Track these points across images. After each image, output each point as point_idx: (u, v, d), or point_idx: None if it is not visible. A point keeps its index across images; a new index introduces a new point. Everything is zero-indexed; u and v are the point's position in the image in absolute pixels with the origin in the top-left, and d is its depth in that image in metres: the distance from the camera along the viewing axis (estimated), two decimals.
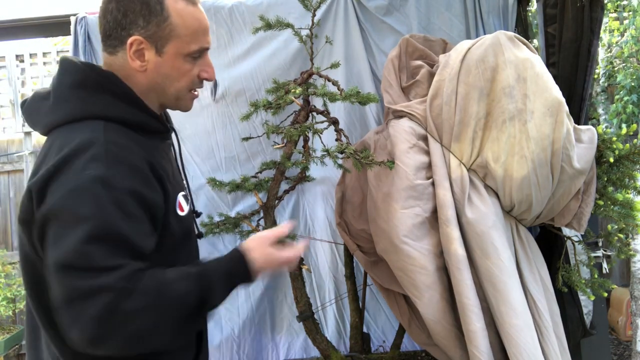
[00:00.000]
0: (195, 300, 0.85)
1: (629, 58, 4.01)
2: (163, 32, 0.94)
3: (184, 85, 1.00)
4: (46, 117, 0.93)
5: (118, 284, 0.77)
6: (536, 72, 1.56)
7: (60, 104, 0.92)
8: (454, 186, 1.64)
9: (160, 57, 0.95)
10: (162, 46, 0.95)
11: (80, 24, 2.33)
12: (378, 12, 2.28)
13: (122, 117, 0.93)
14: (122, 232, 0.81)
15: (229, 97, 2.34)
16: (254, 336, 2.38)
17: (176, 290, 0.83)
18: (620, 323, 3.69)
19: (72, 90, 0.92)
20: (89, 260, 0.77)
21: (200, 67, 1.01)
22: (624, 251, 1.78)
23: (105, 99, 0.92)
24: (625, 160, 1.70)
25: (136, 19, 0.92)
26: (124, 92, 0.95)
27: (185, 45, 0.96)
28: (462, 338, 1.58)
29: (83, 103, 0.91)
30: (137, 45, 0.93)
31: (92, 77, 0.93)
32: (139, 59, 0.95)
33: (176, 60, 0.96)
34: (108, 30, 0.95)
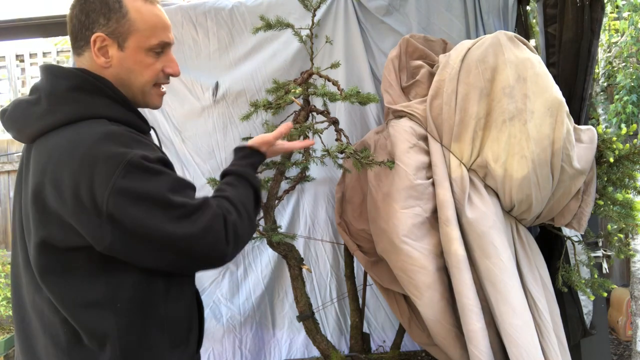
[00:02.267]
0: (252, 192, 1.14)
1: (628, 58, 4.01)
2: (123, 28, 1.00)
3: (147, 79, 1.05)
4: (40, 121, 0.95)
5: (217, 211, 0.98)
6: (536, 72, 1.56)
7: (59, 107, 0.95)
8: (454, 186, 1.64)
9: (123, 51, 1.01)
10: (124, 41, 1.01)
11: None
12: (378, 12, 2.28)
13: (119, 118, 0.99)
14: (183, 180, 0.98)
15: (230, 98, 2.35)
16: (255, 332, 2.40)
17: (242, 194, 1.10)
18: (620, 323, 3.69)
19: (70, 93, 0.96)
20: (187, 207, 0.92)
21: (164, 63, 1.07)
22: (624, 251, 1.78)
23: (103, 101, 0.99)
24: (625, 160, 1.70)
25: (97, 18, 0.99)
26: (118, 95, 1.01)
27: (145, 39, 1.02)
28: (462, 338, 1.58)
29: (84, 104, 0.96)
30: (100, 42, 0.99)
31: (89, 81, 0.98)
32: (104, 56, 1.00)
33: (138, 54, 1.02)
34: (74, 33, 1.01)
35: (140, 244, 0.90)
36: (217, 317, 2.39)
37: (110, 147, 0.89)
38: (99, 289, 0.93)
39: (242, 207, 1.05)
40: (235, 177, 1.14)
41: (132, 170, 0.88)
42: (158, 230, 0.89)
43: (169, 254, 0.92)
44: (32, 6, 3.02)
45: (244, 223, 1.03)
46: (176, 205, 0.91)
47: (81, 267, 0.92)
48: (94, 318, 0.93)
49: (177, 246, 0.92)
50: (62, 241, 0.91)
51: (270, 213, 1.86)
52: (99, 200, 0.86)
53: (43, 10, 2.59)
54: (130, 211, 0.87)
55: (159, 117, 2.36)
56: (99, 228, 0.87)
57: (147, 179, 0.90)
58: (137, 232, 0.88)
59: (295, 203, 2.38)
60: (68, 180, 0.87)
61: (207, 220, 0.94)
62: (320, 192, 2.35)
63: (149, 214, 0.88)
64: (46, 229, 0.91)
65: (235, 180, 1.13)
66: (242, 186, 1.12)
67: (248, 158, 1.23)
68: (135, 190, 0.88)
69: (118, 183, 0.86)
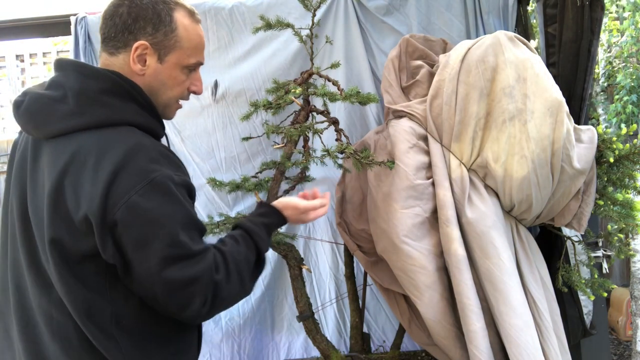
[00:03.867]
0: (254, 255, 1.06)
1: (628, 58, 4.02)
2: (169, 42, 1.00)
3: (175, 94, 1.05)
4: (66, 121, 0.92)
5: (210, 266, 0.92)
6: (536, 72, 1.56)
7: (88, 109, 0.92)
8: (454, 186, 1.64)
9: (161, 64, 1.01)
10: (165, 55, 1.00)
11: (80, 24, 2.33)
12: (378, 12, 2.28)
13: (145, 125, 0.98)
14: (197, 219, 0.94)
15: (229, 98, 2.35)
16: (254, 335, 2.39)
17: (241, 253, 1.03)
18: (620, 323, 3.69)
19: (101, 96, 0.93)
20: (185, 250, 0.89)
21: (191, 81, 1.07)
22: (624, 251, 1.78)
23: (133, 108, 0.97)
24: (625, 160, 1.70)
25: (146, 26, 0.98)
26: (147, 102, 1.00)
27: (185, 57, 1.02)
28: (462, 338, 1.58)
29: (114, 109, 0.94)
30: (142, 49, 0.98)
31: (121, 85, 0.96)
32: (140, 63, 0.99)
33: (174, 69, 1.02)
34: (114, 32, 0.98)
35: (128, 262, 0.88)
36: (216, 319, 2.38)
37: (139, 160, 0.87)
38: (105, 303, 0.91)
39: (235, 267, 0.98)
40: (243, 233, 1.08)
41: (154, 190, 0.86)
42: (148, 261, 0.86)
43: (145, 287, 0.89)
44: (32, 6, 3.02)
45: (230, 285, 0.96)
46: (178, 244, 0.88)
47: (90, 279, 0.90)
48: (101, 332, 0.91)
49: (155, 286, 0.88)
50: (72, 245, 0.88)
51: None
52: (109, 207, 0.84)
53: (43, 10, 2.59)
54: (134, 229, 0.85)
55: None
56: (103, 234, 0.85)
57: (165, 204, 0.87)
58: (130, 251, 0.86)
59: None
60: (89, 186, 0.85)
61: (195, 273, 0.89)
62: (321, 192, 2.34)
63: (150, 241, 0.86)
64: (57, 229, 0.88)
65: (240, 237, 1.06)
66: (246, 245, 1.05)
67: (266, 217, 1.16)
68: (148, 211, 0.85)
69: (135, 198, 0.84)
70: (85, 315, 0.90)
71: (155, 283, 0.87)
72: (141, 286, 0.90)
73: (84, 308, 0.90)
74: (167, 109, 1.07)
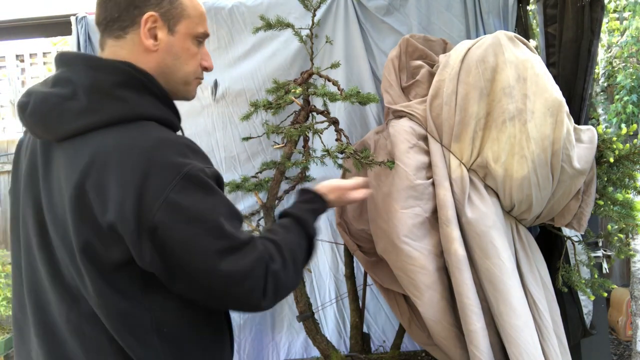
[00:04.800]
0: (306, 242, 1.05)
1: (628, 58, 4.02)
2: (176, 11, 0.94)
3: (191, 68, 1.00)
4: (79, 119, 0.84)
5: (263, 255, 0.89)
6: (536, 72, 1.56)
7: (103, 105, 0.85)
8: (454, 186, 1.64)
9: (173, 36, 0.95)
10: (174, 25, 0.95)
11: (80, 24, 2.34)
12: (378, 12, 2.28)
13: (162, 118, 0.92)
14: (235, 209, 0.91)
15: (229, 97, 2.35)
16: (254, 336, 2.39)
17: (294, 242, 1.01)
18: (620, 323, 3.69)
19: (115, 90, 0.86)
20: (234, 240, 0.85)
21: (202, 56, 1.03)
22: (624, 251, 1.78)
23: (150, 100, 0.91)
24: (625, 160, 1.70)
25: None
26: (163, 93, 0.94)
27: (194, 25, 0.98)
28: (462, 338, 1.58)
29: (131, 104, 0.87)
30: (152, 22, 0.92)
31: (136, 77, 0.89)
32: (152, 38, 0.93)
33: (186, 40, 0.97)
34: (117, 11, 0.91)
35: (175, 266, 0.82)
36: None
37: (167, 155, 0.81)
38: (144, 312, 0.85)
39: (290, 255, 0.95)
40: (292, 220, 1.05)
41: (189, 184, 0.80)
42: (201, 258, 0.81)
43: (200, 286, 0.84)
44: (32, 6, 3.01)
45: (287, 273, 0.93)
46: (226, 236, 0.83)
47: (125, 287, 0.84)
48: (140, 342, 0.85)
49: (213, 282, 0.83)
50: (103, 254, 0.82)
51: (270, 213, 1.86)
52: (145, 211, 0.78)
53: (43, 10, 2.59)
54: (178, 229, 0.79)
55: None
56: (139, 241, 0.79)
57: (204, 197, 0.82)
58: (178, 253, 0.80)
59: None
60: (115, 188, 0.79)
61: (249, 263, 0.85)
62: None
63: (198, 238, 0.81)
64: (86, 237, 0.81)
65: (290, 224, 1.04)
66: (297, 233, 1.02)
67: (311, 203, 1.14)
68: (189, 207, 0.80)
69: (172, 196, 0.78)
70: (121, 326, 0.84)
71: (214, 279, 0.83)
72: (192, 287, 0.85)
73: (121, 319, 0.84)
74: (187, 87, 1.01)
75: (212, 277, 0.83)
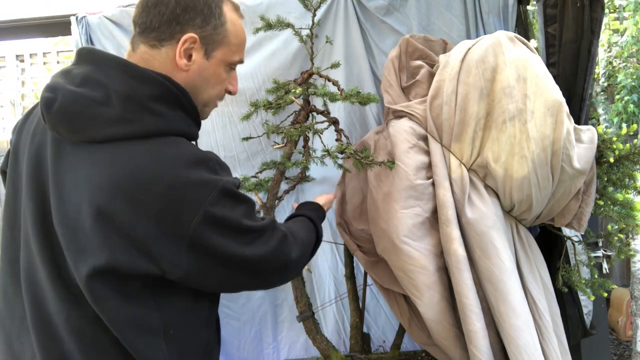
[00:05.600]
0: (315, 234, 1.27)
1: (629, 58, 4.02)
2: (218, 37, 0.94)
3: (217, 93, 1.03)
4: (112, 127, 0.82)
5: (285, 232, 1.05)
6: (536, 72, 1.56)
7: (138, 116, 0.84)
8: (454, 186, 1.64)
9: (208, 60, 0.95)
10: (212, 50, 0.95)
11: (80, 24, 2.33)
12: (378, 12, 2.28)
13: (190, 133, 0.94)
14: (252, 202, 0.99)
15: (229, 97, 2.33)
16: (254, 336, 2.39)
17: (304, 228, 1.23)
18: (620, 323, 3.69)
19: (152, 103, 0.86)
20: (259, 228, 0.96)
21: (229, 80, 1.05)
22: (624, 251, 1.78)
23: (181, 116, 0.91)
24: (625, 160, 1.70)
25: (195, 17, 0.91)
26: (194, 109, 0.95)
27: (231, 53, 0.99)
28: (462, 338, 1.58)
29: (166, 119, 0.87)
30: (190, 43, 0.91)
31: (172, 92, 0.89)
32: (186, 58, 0.92)
33: (219, 66, 0.98)
34: (158, 22, 0.90)
35: (216, 268, 0.90)
36: None
37: (202, 172, 0.85)
38: (153, 314, 0.87)
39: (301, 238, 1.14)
40: (301, 217, 1.29)
41: (224, 197, 0.87)
42: (236, 254, 0.90)
43: (242, 275, 0.95)
44: (32, 6, 3.02)
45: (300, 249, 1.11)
46: (250, 229, 0.94)
47: (136, 293, 0.85)
48: (147, 344, 0.87)
49: (251, 267, 0.94)
50: (126, 266, 0.81)
51: (270, 213, 1.86)
52: (185, 226, 0.81)
53: (43, 10, 2.59)
54: (214, 237, 0.86)
55: None
56: (178, 254, 0.82)
57: (235, 207, 0.90)
58: (217, 257, 0.88)
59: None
60: (153, 203, 0.79)
61: (276, 241, 0.99)
62: (320, 192, 2.34)
63: (230, 240, 0.89)
64: (111, 251, 0.80)
65: (300, 220, 1.27)
66: (306, 227, 1.25)
67: (316, 211, 1.40)
68: (223, 217, 0.87)
69: (210, 210, 0.84)
70: (128, 329, 0.85)
71: (251, 263, 0.94)
72: (233, 277, 0.95)
73: (128, 322, 0.85)
74: (206, 109, 1.04)
75: (247, 264, 0.93)
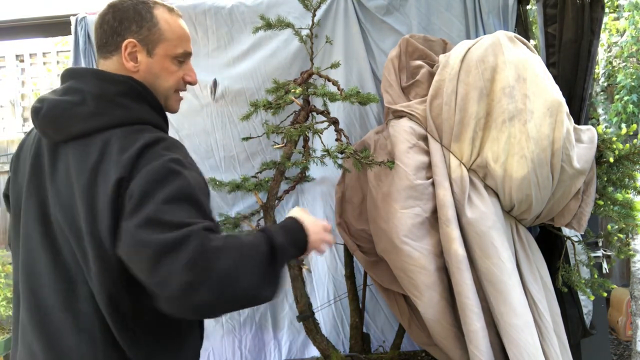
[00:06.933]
0: (265, 246, 0.95)
1: (628, 58, 4.02)
2: (153, 36, 1.08)
3: (171, 84, 1.13)
4: (87, 122, 0.99)
5: (200, 231, 0.85)
6: (536, 72, 1.56)
7: (108, 110, 1.00)
8: (454, 186, 1.64)
9: (151, 58, 1.09)
10: (153, 48, 1.08)
11: (80, 25, 2.33)
12: (378, 12, 2.28)
13: (156, 123, 1.06)
14: (199, 198, 0.93)
15: (229, 97, 2.34)
16: (254, 333, 2.41)
17: (247, 239, 0.94)
18: (620, 323, 3.69)
19: (119, 98, 1.02)
20: (172, 215, 0.86)
21: (184, 71, 1.15)
22: (624, 251, 1.78)
23: (145, 108, 1.06)
24: (625, 160, 1.70)
25: (130, 25, 1.07)
26: (156, 103, 1.09)
27: (172, 47, 1.10)
28: (462, 338, 1.58)
29: (131, 110, 1.02)
30: (131, 47, 1.06)
31: (135, 88, 1.05)
32: (132, 61, 1.07)
33: (165, 61, 1.10)
34: (104, 38, 1.08)
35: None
36: (216, 318, 2.40)
37: (158, 148, 0.94)
38: (129, 299, 0.96)
39: (235, 247, 0.89)
40: (255, 231, 1.03)
41: (169, 172, 0.91)
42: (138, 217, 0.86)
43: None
44: (32, 6, 3.02)
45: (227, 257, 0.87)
46: (166, 211, 0.87)
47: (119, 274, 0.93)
48: (123, 325, 0.96)
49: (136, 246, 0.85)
50: (107, 239, 0.91)
51: (270, 213, 1.86)
52: (128, 195, 0.89)
53: (43, 10, 2.59)
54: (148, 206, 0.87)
55: None
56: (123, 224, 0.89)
57: (166, 178, 0.91)
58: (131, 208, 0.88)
59: (295, 203, 2.37)
60: (114, 175, 0.91)
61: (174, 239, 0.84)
62: (320, 192, 2.35)
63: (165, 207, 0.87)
64: (95, 224, 0.92)
65: (251, 234, 0.99)
66: (254, 237, 0.96)
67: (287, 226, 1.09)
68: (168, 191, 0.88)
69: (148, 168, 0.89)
70: (110, 308, 0.95)
71: (138, 250, 0.85)
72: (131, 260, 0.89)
73: (109, 301, 0.94)
74: (168, 101, 1.14)
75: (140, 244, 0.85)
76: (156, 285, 0.83)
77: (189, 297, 0.82)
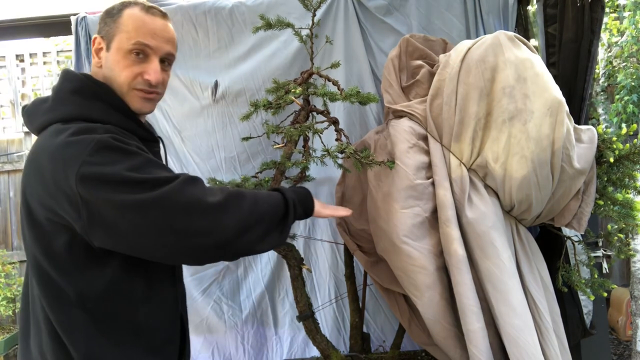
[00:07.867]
0: (282, 206, 1.11)
1: (629, 58, 4.01)
2: (112, 30, 1.09)
3: (124, 79, 1.08)
4: (43, 117, 1.04)
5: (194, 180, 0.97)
6: (536, 72, 1.56)
7: (58, 106, 1.04)
8: (454, 186, 1.64)
9: (108, 52, 1.09)
10: (110, 42, 1.09)
11: (80, 25, 2.33)
12: (378, 12, 2.28)
13: (119, 124, 1.06)
14: (154, 160, 0.98)
15: (229, 97, 2.34)
16: (257, 329, 2.43)
17: (266, 194, 1.09)
18: (620, 323, 3.69)
19: (70, 95, 1.05)
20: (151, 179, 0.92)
21: (144, 69, 1.10)
22: (624, 251, 1.78)
23: (99, 106, 1.05)
24: (625, 160, 1.70)
25: (101, 25, 1.12)
26: (115, 101, 1.08)
27: (125, 40, 1.07)
28: (462, 338, 1.58)
29: (80, 107, 1.04)
30: (97, 44, 1.11)
31: (89, 86, 1.06)
32: (97, 56, 1.11)
33: (118, 54, 1.08)
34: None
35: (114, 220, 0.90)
36: (219, 314, 2.42)
37: (83, 134, 0.95)
38: (71, 287, 0.96)
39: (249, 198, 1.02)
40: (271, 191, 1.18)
41: (101, 150, 0.92)
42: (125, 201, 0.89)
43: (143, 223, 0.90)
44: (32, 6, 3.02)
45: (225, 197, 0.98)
46: (135, 180, 0.91)
47: (61, 260, 0.95)
48: (66, 316, 0.96)
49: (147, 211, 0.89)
50: (48, 229, 0.95)
51: None
52: (70, 181, 0.89)
53: (43, 10, 2.59)
54: (98, 189, 0.89)
55: (159, 116, 2.36)
56: (77, 208, 0.90)
57: (117, 160, 0.92)
58: (106, 207, 0.89)
59: None
60: (47, 166, 0.93)
61: (178, 184, 0.93)
62: (320, 192, 2.35)
63: (111, 192, 0.89)
64: (37, 215, 0.96)
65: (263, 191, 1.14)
66: (267, 193, 1.12)
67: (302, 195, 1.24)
68: (101, 170, 0.90)
69: (86, 160, 0.90)
70: (51, 297, 0.96)
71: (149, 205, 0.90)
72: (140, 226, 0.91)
73: (49, 289, 0.97)
74: (126, 98, 1.09)
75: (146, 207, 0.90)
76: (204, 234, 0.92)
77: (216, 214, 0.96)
